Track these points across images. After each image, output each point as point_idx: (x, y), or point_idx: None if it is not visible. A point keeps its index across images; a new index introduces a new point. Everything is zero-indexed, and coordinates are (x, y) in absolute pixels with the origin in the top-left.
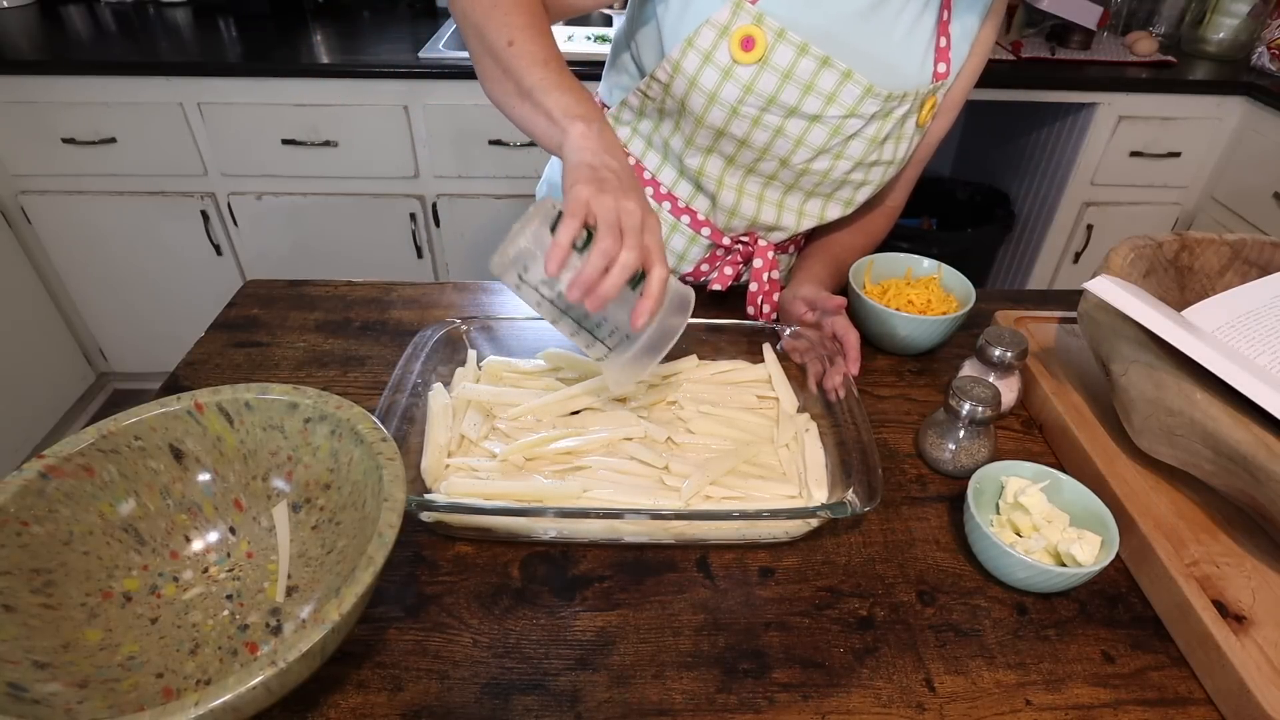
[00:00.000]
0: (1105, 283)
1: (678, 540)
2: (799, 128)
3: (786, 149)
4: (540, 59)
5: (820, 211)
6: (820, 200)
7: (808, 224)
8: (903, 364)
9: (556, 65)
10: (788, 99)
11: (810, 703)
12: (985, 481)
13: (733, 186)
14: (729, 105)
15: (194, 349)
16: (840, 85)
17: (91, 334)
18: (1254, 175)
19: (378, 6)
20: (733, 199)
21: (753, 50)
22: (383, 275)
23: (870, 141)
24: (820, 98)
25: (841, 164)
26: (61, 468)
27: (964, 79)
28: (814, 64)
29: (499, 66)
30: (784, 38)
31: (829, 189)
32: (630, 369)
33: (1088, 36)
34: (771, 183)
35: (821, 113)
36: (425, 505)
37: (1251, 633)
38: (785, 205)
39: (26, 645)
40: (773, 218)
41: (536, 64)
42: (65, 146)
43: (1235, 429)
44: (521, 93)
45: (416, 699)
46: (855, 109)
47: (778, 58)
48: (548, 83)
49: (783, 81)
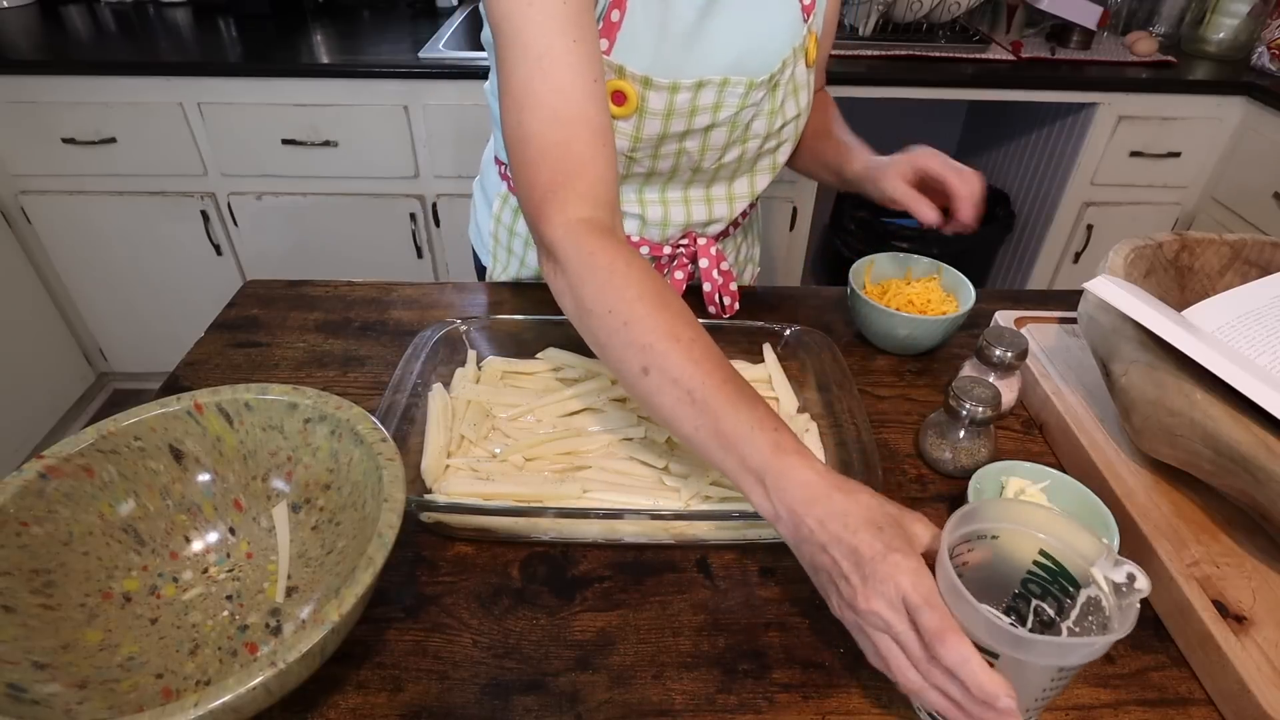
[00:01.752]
0: (1105, 283)
1: (678, 540)
2: (698, 141)
3: (694, 160)
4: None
5: (749, 189)
6: (745, 179)
7: (741, 205)
8: (903, 364)
9: (714, 380)
10: (676, 128)
11: (810, 703)
12: (985, 481)
13: (655, 202)
14: (622, 155)
15: (194, 349)
16: (721, 93)
17: (91, 334)
18: (1254, 175)
19: (378, 6)
20: (660, 212)
21: (625, 104)
22: (383, 275)
23: (769, 115)
24: (707, 112)
25: (751, 144)
26: (61, 468)
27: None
28: (689, 94)
29: (634, 381)
30: (652, 85)
31: (748, 167)
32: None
33: (1088, 36)
34: (692, 185)
35: (714, 121)
36: (425, 505)
37: (1252, 633)
38: (712, 197)
39: (26, 646)
40: (704, 214)
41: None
42: (65, 146)
43: (1235, 429)
44: (669, 424)
45: (416, 699)
46: (744, 104)
47: (653, 104)
48: (711, 414)
49: (666, 120)
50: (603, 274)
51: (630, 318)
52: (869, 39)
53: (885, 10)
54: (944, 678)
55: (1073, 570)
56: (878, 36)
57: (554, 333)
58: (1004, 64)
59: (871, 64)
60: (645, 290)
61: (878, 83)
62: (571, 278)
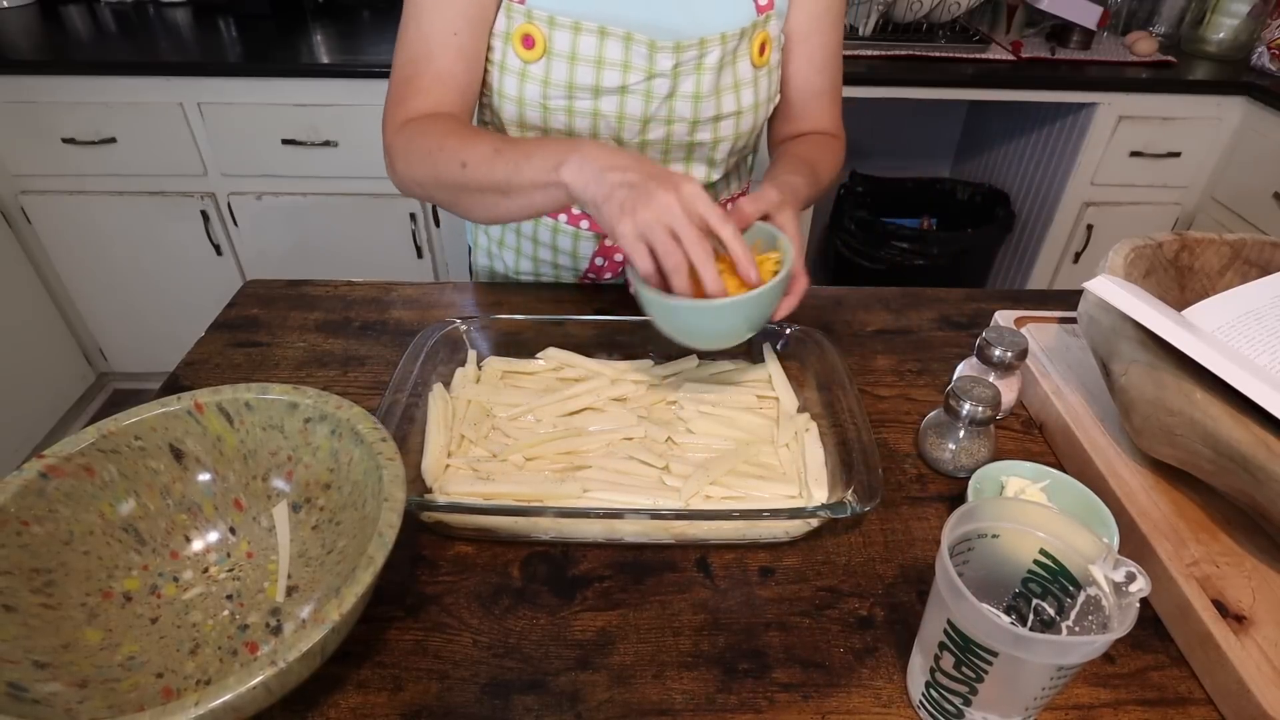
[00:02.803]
0: (1105, 283)
1: (678, 540)
2: (613, 105)
3: (613, 127)
4: (490, 152)
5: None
6: (680, 165)
7: None
8: (903, 364)
9: (508, 145)
10: (584, 79)
11: (810, 703)
12: (985, 481)
13: None
14: (537, 103)
15: (194, 349)
16: (627, 50)
17: (91, 334)
18: (1254, 175)
19: (378, 6)
20: None
21: (534, 47)
22: (383, 275)
23: (694, 99)
24: (615, 69)
25: (678, 127)
26: (61, 468)
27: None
28: (594, 39)
29: (475, 193)
30: (555, 24)
31: (680, 154)
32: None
33: (1088, 36)
34: None
35: (624, 82)
36: (425, 505)
37: (1251, 632)
38: None
39: (26, 645)
40: None
41: (494, 160)
42: (65, 146)
43: (1235, 429)
44: (507, 191)
45: (416, 699)
46: (651, 69)
47: (558, 45)
48: (513, 164)
49: (571, 64)
50: (417, 135)
51: (442, 143)
52: (869, 39)
53: (885, 10)
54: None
55: (1073, 570)
56: (878, 36)
57: (554, 333)
58: (1004, 64)
59: (871, 64)
60: (451, 126)
61: (878, 83)
62: (399, 154)
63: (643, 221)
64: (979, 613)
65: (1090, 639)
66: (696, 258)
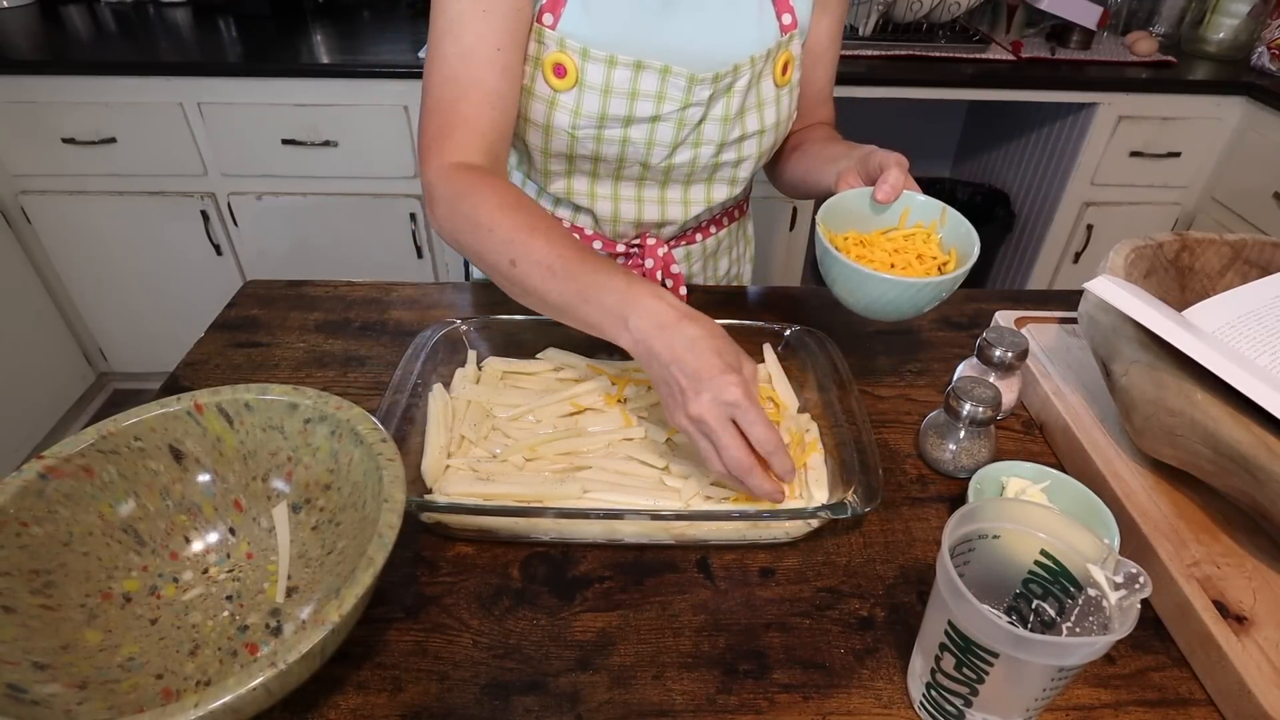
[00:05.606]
0: (1106, 283)
1: (678, 541)
2: (643, 132)
3: (641, 153)
4: (544, 267)
5: (706, 196)
6: (702, 186)
7: (697, 210)
8: (903, 364)
9: (561, 262)
10: (617, 111)
11: (811, 703)
12: (985, 482)
13: (606, 197)
14: (565, 131)
15: (194, 349)
16: (663, 82)
17: (91, 334)
18: (1254, 175)
19: (378, 6)
20: (610, 208)
21: (565, 76)
22: (383, 275)
23: (723, 122)
24: (649, 100)
25: (704, 150)
26: (61, 468)
27: (831, 14)
28: (628, 72)
29: (519, 292)
30: (589, 57)
31: (704, 175)
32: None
33: (1088, 36)
34: (644, 183)
35: (658, 112)
36: (425, 506)
37: (1252, 633)
38: (667, 199)
39: (26, 646)
40: (657, 214)
41: (548, 279)
42: (65, 146)
43: (1235, 429)
44: (558, 313)
45: (416, 700)
46: (688, 100)
47: (591, 77)
48: (573, 294)
49: (605, 97)
50: (467, 196)
51: (494, 224)
52: (869, 39)
53: (885, 10)
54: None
55: (1073, 570)
56: (878, 36)
57: (554, 333)
58: (1004, 64)
59: (871, 64)
60: (504, 200)
61: (878, 83)
62: (443, 207)
63: (684, 426)
64: (979, 614)
65: (1091, 640)
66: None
